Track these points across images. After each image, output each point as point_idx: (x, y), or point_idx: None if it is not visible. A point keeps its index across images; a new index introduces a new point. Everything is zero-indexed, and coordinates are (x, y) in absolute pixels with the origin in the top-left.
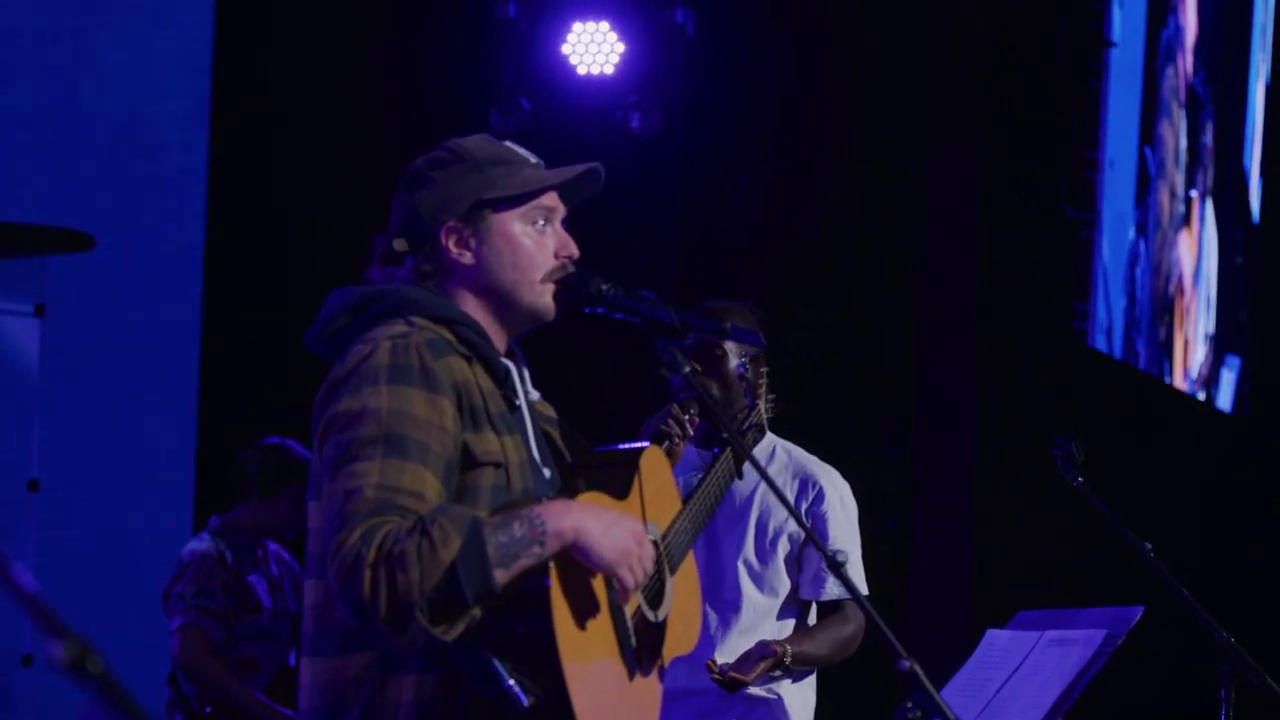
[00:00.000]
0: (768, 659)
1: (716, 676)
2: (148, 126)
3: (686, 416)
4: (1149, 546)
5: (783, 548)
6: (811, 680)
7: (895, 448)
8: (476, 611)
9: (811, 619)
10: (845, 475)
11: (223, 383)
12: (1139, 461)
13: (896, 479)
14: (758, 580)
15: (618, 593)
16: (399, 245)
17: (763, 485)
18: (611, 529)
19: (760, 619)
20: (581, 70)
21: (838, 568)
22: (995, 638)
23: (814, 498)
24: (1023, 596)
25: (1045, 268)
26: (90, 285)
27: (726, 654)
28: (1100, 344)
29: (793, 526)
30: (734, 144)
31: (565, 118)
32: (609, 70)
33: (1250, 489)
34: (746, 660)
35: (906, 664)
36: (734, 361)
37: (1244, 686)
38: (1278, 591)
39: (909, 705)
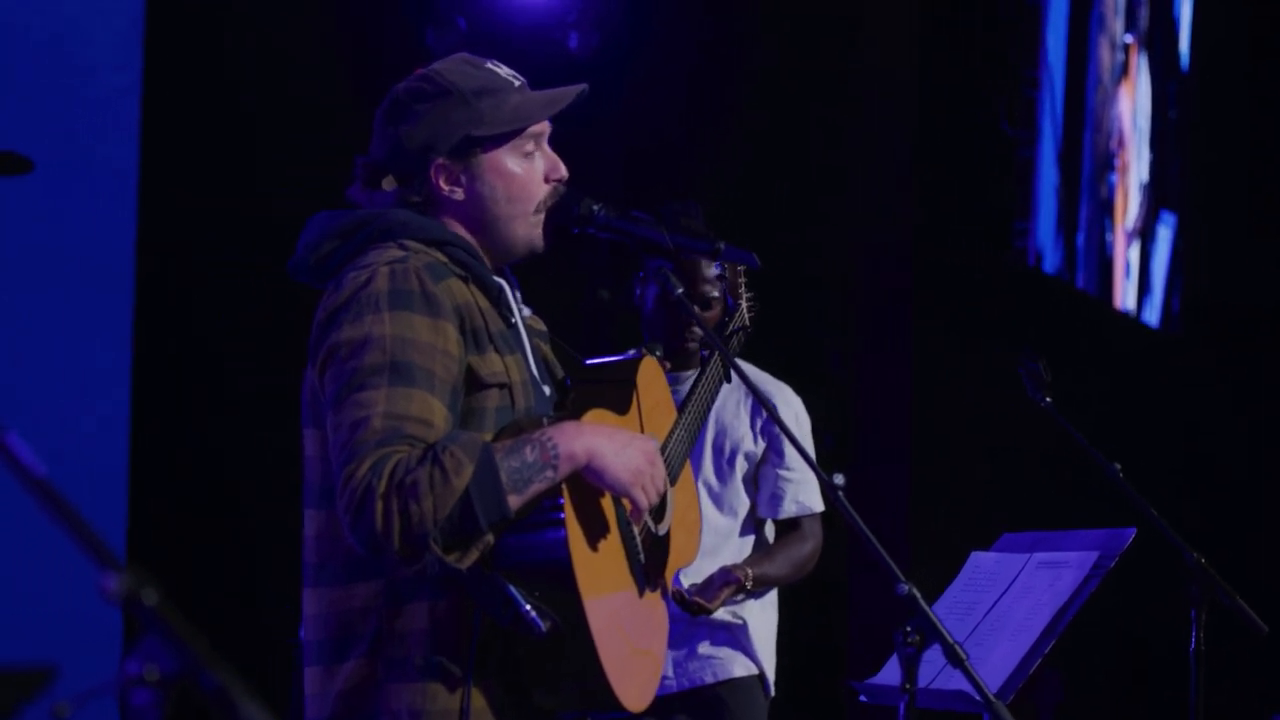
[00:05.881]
0: (731, 585)
1: (685, 600)
2: (79, 46)
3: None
4: (1119, 468)
5: (740, 466)
6: (773, 600)
7: (834, 369)
8: (490, 538)
9: (768, 534)
10: None
11: (158, 306)
12: (1084, 384)
13: (835, 402)
14: (717, 501)
15: (631, 513)
16: (387, 184)
17: (718, 404)
18: (624, 450)
19: (722, 540)
20: None
21: (835, 489)
22: (980, 560)
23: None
24: (962, 520)
25: (984, 187)
26: (21, 209)
27: (689, 577)
28: (1043, 264)
29: (749, 444)
30: (671, 61)
31: (502, 38)
32: None
33: (1188, 406)
34: (710, 586)
35: (905, 588)
36: (713, 267)
37: (1215, 607)
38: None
39: (908, 629)
